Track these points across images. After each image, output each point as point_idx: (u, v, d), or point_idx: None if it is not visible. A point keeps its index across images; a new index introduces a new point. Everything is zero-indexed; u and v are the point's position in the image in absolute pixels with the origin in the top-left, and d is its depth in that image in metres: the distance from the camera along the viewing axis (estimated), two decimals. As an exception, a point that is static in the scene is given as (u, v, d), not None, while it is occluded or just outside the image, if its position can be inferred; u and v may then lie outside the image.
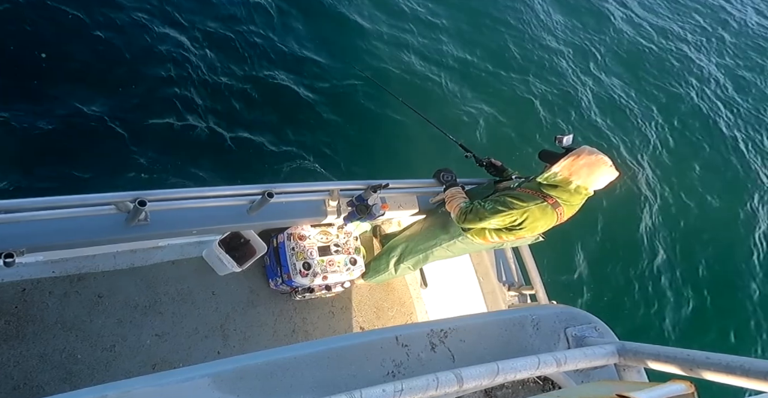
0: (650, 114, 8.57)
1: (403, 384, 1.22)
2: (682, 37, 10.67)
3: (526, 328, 1.76)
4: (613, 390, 1.26)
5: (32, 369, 2.80)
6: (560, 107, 7.63)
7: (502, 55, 7.78)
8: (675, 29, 10.72)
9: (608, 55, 9.07)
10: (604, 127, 7.85)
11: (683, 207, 7.66)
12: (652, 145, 8.16)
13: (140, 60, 4.97)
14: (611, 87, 8.55)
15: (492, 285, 3.66)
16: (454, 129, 6.05)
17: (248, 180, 4.67)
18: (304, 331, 3.59)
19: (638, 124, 8.28)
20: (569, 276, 6.04)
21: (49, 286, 2.99)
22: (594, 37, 9.22)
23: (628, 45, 9.56)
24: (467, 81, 7.08)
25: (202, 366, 1.38)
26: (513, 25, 8.27)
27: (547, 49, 8.40)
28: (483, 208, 2.98)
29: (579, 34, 9.09)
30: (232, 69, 5.45)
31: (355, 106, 5.90)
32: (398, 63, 6.67)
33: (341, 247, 3.46)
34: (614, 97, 8.41)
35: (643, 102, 8.68)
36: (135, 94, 4.79)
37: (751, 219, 8.16)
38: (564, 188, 2.86)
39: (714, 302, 6.93)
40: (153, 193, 2.54)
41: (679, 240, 7.26)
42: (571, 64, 8.44)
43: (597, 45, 9.12)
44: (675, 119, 8.79)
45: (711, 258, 7.34)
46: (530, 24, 8.55)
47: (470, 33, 7.70)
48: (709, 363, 1.32)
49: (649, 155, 8.00)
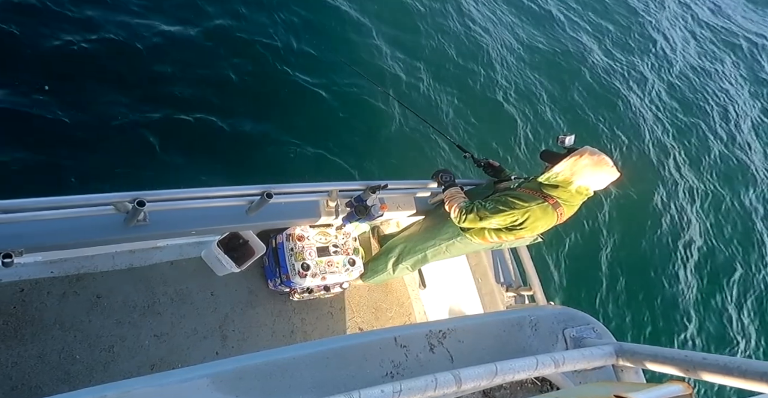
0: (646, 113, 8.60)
1: (402, 385, 1.22)
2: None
3: (524, 329, 1.76)
4: (611, 390, 1.27)
5: (30, 369, 2.79)
6: (561, 109, 7.64)
7: (500, 55, 7.79)
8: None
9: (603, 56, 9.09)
10: (602, 124, 7.87)
11: (683, 206, 7.67)
12: (651, 146, 8.18)
13: (140, 59, 4.96)
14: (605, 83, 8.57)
15: (490, 286, 3.67)
16: (452, 130, 6.08)
17: (247, 180, 4.66)
18: (302, 332, 3.59)
19: (640, 124, 8.30)
20: (567, 277, 6.05)
21: (47, 286, 2.98)
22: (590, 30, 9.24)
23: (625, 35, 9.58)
24: (464, 83, 7.10)
25: (200, 367, 1.38)
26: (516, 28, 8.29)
27: (554, 50, 8.42)
28: (484, 208, 2.98)
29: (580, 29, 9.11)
30: (232, 69, 5.44)
31: (355, 107, 5.90)
32: (397, 63, 6.68)
33: (340, 248, 3.46)
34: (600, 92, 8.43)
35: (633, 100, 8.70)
36: (135, 93, 4.78)
37: (752, 219, 8.19)
38: (565, 188, 2.86)
39: (714, 301, 6.95)
40: (152, 193, 2.54)
41: (678, 240, 7.28)
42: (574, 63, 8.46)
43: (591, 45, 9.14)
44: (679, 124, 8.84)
45: (712, 258, 7.36)
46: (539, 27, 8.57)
47: (469, 36, 7.72)
48: (706, 364, 1.33)
49: (650, 154, 8.01)
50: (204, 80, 5.19)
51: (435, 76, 6.87)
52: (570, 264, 6.16)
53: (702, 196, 8.05)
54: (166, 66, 5.06)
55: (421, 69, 6.84)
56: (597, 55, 9.04)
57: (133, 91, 4.79)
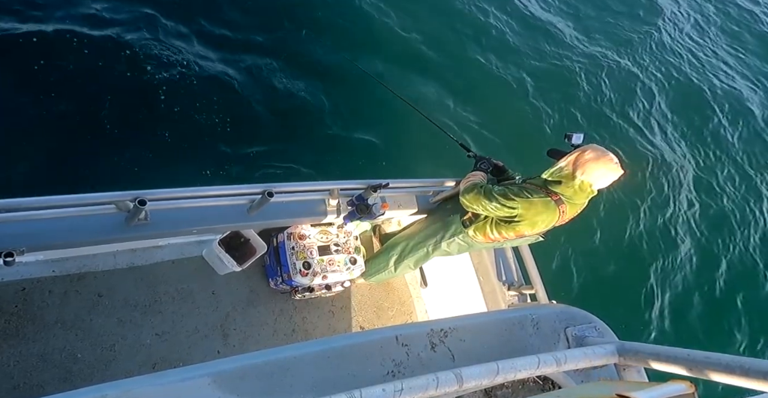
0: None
1: (403, 384, 1.22)
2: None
3: (526, 328, 1.76)
4: (613, 389, 1.26)
5: (32, 368, 2.80)
6: (565, 111, 7.61)
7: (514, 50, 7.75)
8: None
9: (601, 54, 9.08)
10: (612, 121, 7.86)
11: (683, 205, 7.66)
12: (658, 142, 8.16)
13: (139, 58, 4.96)
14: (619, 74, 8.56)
15: (492, 285, 3.66)
16: (455, 129, 6.06)
17: (248, 179, 4.68)
18: (304, 331, 3.59)
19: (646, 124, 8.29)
20: (569, 275, 6.04)
21: (49, 285, 2.99)
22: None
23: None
24: (469, 80, 7.08)
25: (202, 366, 1.38)
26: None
27: (566, 53, 8.40)
28: (492, 189, 3.00)
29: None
30: (231, 68, 5.44)
31: (356, 105, 5.89)
32: (401, 59, 6.65)
33: (341, 247, 3.46)
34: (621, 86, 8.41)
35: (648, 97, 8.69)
36: (135, 93, 4.78)
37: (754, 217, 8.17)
38: (568, 184, 2.86)
39: (714, 302, 6.93)
40: (153, 192, 2.54)
41: (679, 238, 7.27)
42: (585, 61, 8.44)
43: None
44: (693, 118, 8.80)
45: (711, 258, 7.35)
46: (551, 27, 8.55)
47: (471, 33, 7.70)
48: (708, 363, 1.33)
49: (652, 152, 8.00)
50: (204, 81, 5.19)
51: (439, 74, 6.85)
52: (572, 263, 6.15)
53: (707, 192, 8.03)
54: (164, 67, 5.06)
55: (425, 66, 6.81)
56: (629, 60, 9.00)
57: (134, 90, 4.79)
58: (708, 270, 7.20)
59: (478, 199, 3.01)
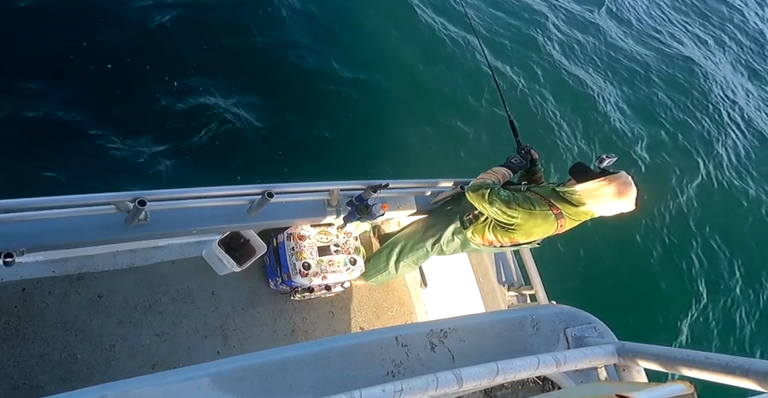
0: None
1: (403, 384, 1.22)
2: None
3: (525, 328, 1.76)
4: (612, 390, 1.26)
5: (32, 368, 2.79)
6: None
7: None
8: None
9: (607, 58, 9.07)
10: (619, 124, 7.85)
11: (683, 205, 7.66)
12: (658, 142, 8.16)
13: (139, 58, 4.96)
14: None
15: (491, 285, 3.66)
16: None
17: (248, 180, 4.67)
18: (303, 331, 3.59)
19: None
20: (569, 276, 6.04)
21: (48, 286, 2.99)
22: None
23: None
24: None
25: (201, 366, 1.38)
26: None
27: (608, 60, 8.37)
28: (499, 192, 2.94)
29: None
30: (231, 68, 5.44)
31: (356, 105, 5.90)
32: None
33: (341, 247, 3.46)
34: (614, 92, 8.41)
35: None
36: (134, 93, 4.78)
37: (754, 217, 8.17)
38: (573, 205, 2.85)
39: (714, 302, 6.93)
40: (153, 192, 2.54)
41: (679, 238, 7.27)
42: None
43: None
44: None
45: (716, 257, 7.35)
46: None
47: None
48: (708, 364, 1.33)
49: (652, 153, 8.00)
50: (204, 81, 5.19)
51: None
52: (571, 263, 6.16)
53: (707, 192, 8.02)
54: (164, 67, 5.06)
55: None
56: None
57: (133, 89, 4.79)
58: (708, 270, 7.20)
59: (482, 199, 2.99)
